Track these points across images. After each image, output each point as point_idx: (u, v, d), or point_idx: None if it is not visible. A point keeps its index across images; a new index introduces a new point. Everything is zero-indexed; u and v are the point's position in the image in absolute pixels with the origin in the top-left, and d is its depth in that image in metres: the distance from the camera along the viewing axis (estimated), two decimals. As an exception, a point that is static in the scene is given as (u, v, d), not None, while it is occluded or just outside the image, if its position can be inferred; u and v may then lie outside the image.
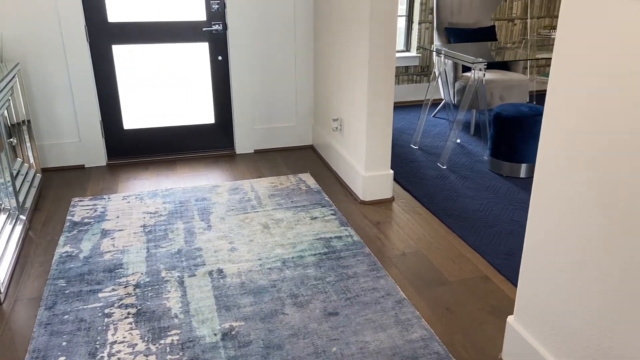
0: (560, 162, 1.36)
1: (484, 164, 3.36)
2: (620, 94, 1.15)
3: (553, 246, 1.42)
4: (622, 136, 1.16)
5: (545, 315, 1.48)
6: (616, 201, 1.19)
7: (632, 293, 1.17)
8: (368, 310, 1.94)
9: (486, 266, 2.25)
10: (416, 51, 4.74)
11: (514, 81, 3.80)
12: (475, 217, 2.67)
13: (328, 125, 3.36)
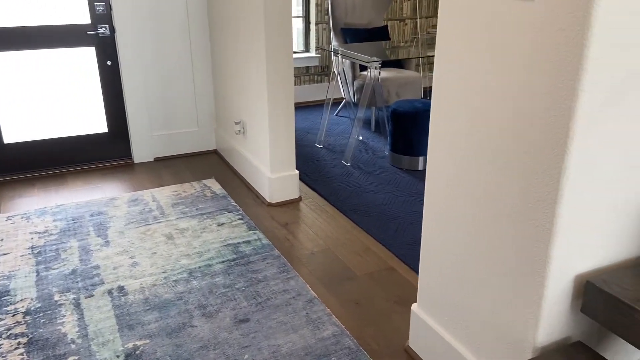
0: (447, 154, 1.43)
1: (385, 159, 3.47)
2: (494, 90, 1.23)
3: (446, 233, 1.49)
4: (496, 129, 1.24)
5: (445, 300, 1.55)
6: (495, 189, 1.27)
7: (521, 275, 1.26)
8: (279, 312, 1.93)
9: (391, 257, 2.32)
10: (315, 51, 4.80)
11: (408, 78, 3.97)
12: (379, 211, 2.75)
13: (231, 128, 3.30)
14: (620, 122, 1.11)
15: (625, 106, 1.10)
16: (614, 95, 1.08)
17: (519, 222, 1.23)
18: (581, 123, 1.07)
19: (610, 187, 1.17)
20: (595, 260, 1.24)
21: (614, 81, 1.06)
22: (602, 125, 1.09)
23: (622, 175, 1.17)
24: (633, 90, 1.09)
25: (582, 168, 1.11)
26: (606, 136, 1.11)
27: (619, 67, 1.05)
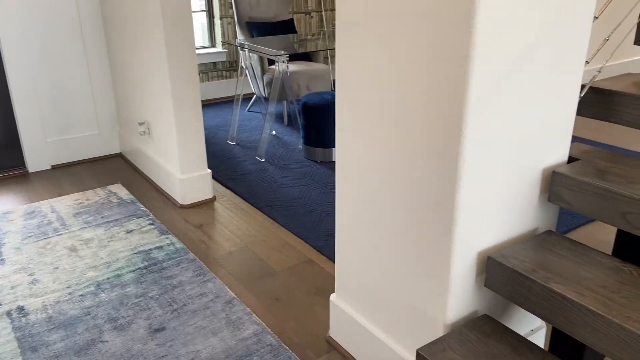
0: (354, 143, 1.44)
1: (300, 153, 3.48)
2: (392, 78, 1.26)
3: (358, 221, 1.51)
4: (397, 118, 1.27)
5: (361, 287, 1.58)
6: (400, 174, 1.31)
7: (428, 256, 1.30)
8: (197, 317, 1.86)
9: (310, 250, 2.33)
10: (222, 46, 4.69)
11: (317, 71, 4.00)
12: (296, 204, 2.74)
13: (135, 130, 3.14)
14: (509, 104, 1.18)
15: (512, 88, 1.16)
16: (502, 79, 1.13)
17: (424, 206, 1.27)
18: (473, 107, 1.11)
19: (504, 167, 1.24)
20: (495, 237, 1.31)
21: (501, 66, 1.12)
22: (493, 107, 1.15)
23: (514, 155, 1.24)
24: (518, 74, 1.16)
25: (476, 150, 1.16)
26: (497, 118, 1.17)
27: (505, 51, 1.11)
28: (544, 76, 1.21)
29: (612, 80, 1.47)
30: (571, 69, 1.26)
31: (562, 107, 1.29)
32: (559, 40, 1.20)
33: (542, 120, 1.26)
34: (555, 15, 1.17)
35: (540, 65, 1.19)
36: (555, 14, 1.17)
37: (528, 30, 1.13)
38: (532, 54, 1.16)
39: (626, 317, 1.04)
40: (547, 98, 1.25)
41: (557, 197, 1.34)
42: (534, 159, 1.30)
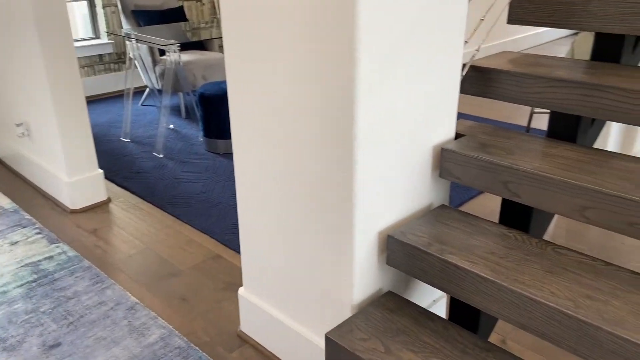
0: (249, 132, 1.41)
1: (201, 146, 3.36)
2: (281, 64, 1.24)
3: (259, 210, 1.48)
4: (289, 103, 1.25)
5: (268, 277, 1.55)
6: (297, 161, 1.30)
7: (331, 239, 1.30)
8: (97, 328, 1.74)
9: (216, 245, 2.26)
10: (107, 38, 4.40)
11: (213, 60, 3.88)
12: (199, 199, 2.65)
13: (13, 132, 2.85)
14: (398, 84, 1.20)
15: (399, 70, 1.19)
16: (388, 61, 1.15)
17: (323, 190, 1.27)
18: (363, 88, 1.12)
19: (397, 148, 1.27)
20: (394, 216, 1.34)
21: (386, 48, 1.14)
22: (384, 87, 1.17)
23: (406, 135, 1.28)
24: (402, 56, 1.18)
25: (370, 132, 1.18)
26: (387, 99, 1.19)
27: (389, 33, 1.13)
28: (427, 57, 1.25)
29: (490, 59, 1.56)
30: (451, 49, 1.32)
31: (446, 86, 1.35)
32: (438, 21, 1.25)
33: (428, 100, 1.31)
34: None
35: (422, 46, 1.23)
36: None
37: (408, 13, 1.16)
38: (415, 35, 1.19)
39: (513, 280, 1.11)
40: (432, 78, 1.29)
41: (447, 172, 1.40)
42: (424, 138, 1.35)
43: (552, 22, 1.50)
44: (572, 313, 1.01)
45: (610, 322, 0.98)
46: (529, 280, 1.11)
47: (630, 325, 0.96)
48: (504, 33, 5.24)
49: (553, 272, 1.14)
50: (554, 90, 1.37)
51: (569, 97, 1.35)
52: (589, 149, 1.34)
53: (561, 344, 1.04)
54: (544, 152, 1.33)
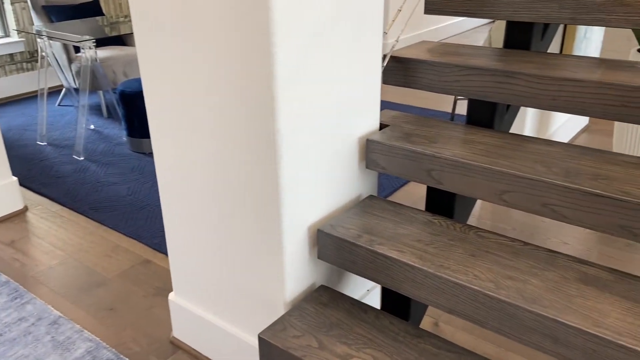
0: (169, 130, 1.35)
1: (125, 146, 3.22)
2: (196, 61, 1.19)
3: (184, 212, 1.43)
4: (207, 100, 1.21)
5: (198, 280, 1.51)
6: (220, 159, 1.26)
7: (260, 237, 1.28)
8: (17, 346, 1.63)
9: (145, 249, 2.17)
10: (17, 36, 4.10)
11: (133, 55, 3.71)
12: (125, 202, 2.53)
13: None
14: (318, 78, 1.19)
15: (319, 62, 1.17)
16: (307, 54, 1.14)
17: (248, 187, 1.24)
18: (281, 83, 1.10)
19: (323, 141, 1.26)
20: (323, 209, 1.33)
21: (305, 40, 1.12)
22: (303, 81, 1.15)
23: (331, 128, 1.27)
24: (322, 48, 1.17)
25: (292, 126, 1.16)
26: (308, 93, 1.17)
27: (306, 26, 1.11)
28: (346, 49, 1.25)
29: (409, 49, 1.58)
30: (370, 41, 1.32)
31: (367, 78, 1.35)
32: (356, 12, 1.24)
33: (350, 92, 1.31)
34: (350, -12, 1.21)
35: (341, 38, 1.22)
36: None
37: (326, 4, 1.14)
38: (333, 28, 1.18)
39: (439, 266, 1.14)
40: (352, 70, 1.29)
41: (373, 163, 1.41)
42: (349, 130, 1.35)
43: (466, 11, 1.55)
44: (494, 294, 1.04)
45: (529, 300, 1.02)
46: (453, 265, 1.14)
47: (546, 302, 1.01)
48: (427, 22, 5.38)
49: (476, 255, 1.17)
50: (469, 79, 1.41)
51: (483, 85, 1.39)
52: (505, 134, 1.39)
53: (486, 325, 1.07)
54: (464, 139, 1.37)
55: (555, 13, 1.41)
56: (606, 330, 0.94)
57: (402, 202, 2.48)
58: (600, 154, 1.25)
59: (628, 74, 1.27)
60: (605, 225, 1.09)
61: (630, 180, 1.12)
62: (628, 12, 1.31)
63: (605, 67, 1.34)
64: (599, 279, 1.07)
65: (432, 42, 1.67)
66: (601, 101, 1.23)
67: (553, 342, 0.99)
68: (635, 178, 1.13)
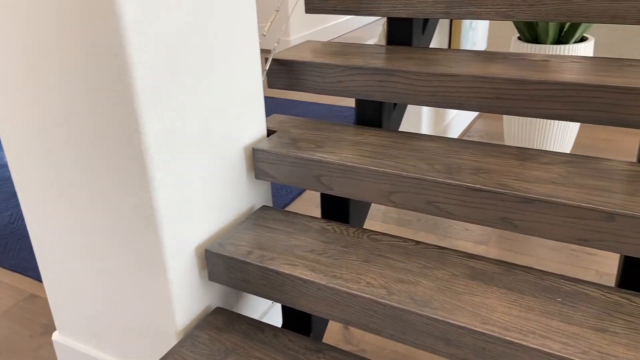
0: (27, 159, 1.20)
1: (5, 167, 2.92)
2: (50, 83, 1.06)
3: (59, 246, 1.29)
4: (68, 123, 1.08)
5: (84, 317, 1.37)
6: (90, 187, 1.14)
7: (143, 265, 1.17)
8: None
9: (31, 283, 1.97)
10: None
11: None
12: (6, 232, 2.29)
13: None
14: (190, 87, 1.10)
15: (188, 71, 1.09)
16: (173, 64, 1.04)
17: (124, 213, 1.13)
18: (146, 98, 1.00)
19: (203, 155, 1.17)
20: (211, 227, 1.25)
21: (168, 48, 1.02)
22: (172, 93, 1.06)
23: (211, 141, 1.19)
24: (191, 56, 1.08)
25: (164, 144, 1.06)
26: (180, 106, 1.08)
27: (169, 33, 1.02)
28: (219, 54, 1.17)
29: (292, 50, 1.53)
30: (246, 43, 1.25)
31: (248, 83, 1.28)
32: (226, 13, 1.17)
33: (230, 99, 1.23)
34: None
35: (211, 43, 1.14)
36: (213, -11, 1.12)
37: (189, 8, 1.06)
38: (200, 31, 1.10)
39: (332, 277, 1.10)
40: (229, 76, 1.21)
41: (262, 173, 1.34)
42: (233, 139, 1.27)
43: (346, 9, 1.52)
44: (386, 301, 1.02)
45: (420, 303, 1.00)
46: (346, 273, 1.10)
47: (437, 304, 1.00)
48: (324, 18, 5.40)
49: (369, 260, 1.15)
50: (352, 79, 1.38)
51: (366, 84, 1.37)
52: (392, 133, 1.38)
53: (382, 333, 1.05)
54: (352, 141, 1.34)
55: (430, 8, 1.42)
56: (493, 326, 0.94)
57: (307, 206, 2.44)
58: (482, 147, 1.27)
59: (501, 66, 1.29)
60: (489, 219, 1.10)
61: (508, 172, 1.13)
62: (497, 4, 1.34)
63: (481, 59, 1.37)
64: (485, 272, 1.08)
65: (316, 42, 1.64)
66: (476, 94, 1.25)
67: (446, 344, 0.98)
68: (513, 170, 1.15)
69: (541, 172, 1.13)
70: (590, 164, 1.16)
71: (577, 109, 1.16)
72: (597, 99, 1.13)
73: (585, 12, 1.25)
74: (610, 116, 1.14)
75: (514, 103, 1.22)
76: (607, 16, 1.23)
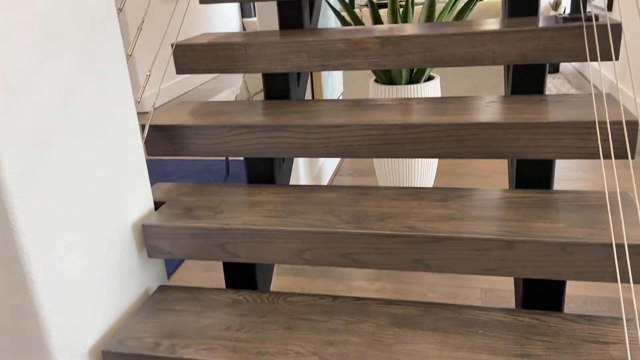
0: None
1: None
2: None
3: None
4: None
5: None
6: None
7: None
8: None
9: None
10: None
11: None
12: None
13: None
14: (64, 169, 0.96)
15: (60, 153, 0.95)
16: (42, 148, 0.90)
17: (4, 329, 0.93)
18: (14, 189, 0.85)
19: (86, 243, 1.02)
20: (105, 322, 1.09)
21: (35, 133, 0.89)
22: (44, 179, 0.91)
23: (94, 223, 1.04)
24: (61, 138, 0.95)
25: (40, 239, 0.90)
26: (54, 188, 0.93)
27: (34, 115, 0.88)
28: (93, 130, 1.05)
29: (169, 114, 1.44)
30: (122, 113, 1.14)
31: (127, 155, 1.16)
32: (98, 87, 1.05)
33: (113, 176, 1.10)
34: (83, 63, 1.02)
35: (86, 121, 1.02)
36: (81, 61, 1.01)
37: (56, 85, 0.93)
38: (72, 114, 0.97)
39: (256, 354, 1.01)
40: (106, 151, 1.09)
41: (155, 250, 1.22)
42: (119, 219, 1.13)
43: (220, 67, 1.48)
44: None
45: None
46: (271, 347, 1.03)
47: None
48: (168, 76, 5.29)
49: (291, 327, 1.08)
50: (241, 138, 1.33)
51: (257, 142, 1.33)
52: (288, 188, 1.36)
53: (320, 403, 0.99)
54: (250, 202, 1.28)
55: (306, 62, 1.44)
56: (432, 372, 0.93)
57: (196, 272, 2.29)
58: (379, 192, 1.30)
59: (382, 112, 1.35)
60: (402, 263, 1.11)
61: (411, 214, 1.17)
62: (369, 55, 1.41)
63: (361, 108, 1.42)
64: (407, 317, 1.09)
65: (192, 102, 1.56)
66: (367, 142, 1.29)
67: (388, 401, 0.95)
68: (414, 210, 1.19)
69: (439, 209, 1.19)
70: (477, 195, 1.24)
71: (458, 146, 1.25)
72: (474, 136, 1.23)
73: (447, 57, 1.37)
74: (486, 150, 1.24)
75: (403, 147, 1.27)
76: (466, 60, 1.36)
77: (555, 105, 1.28)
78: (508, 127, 1.19)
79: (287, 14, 1.67)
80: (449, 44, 1.35)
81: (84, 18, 1.02)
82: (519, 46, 1.31)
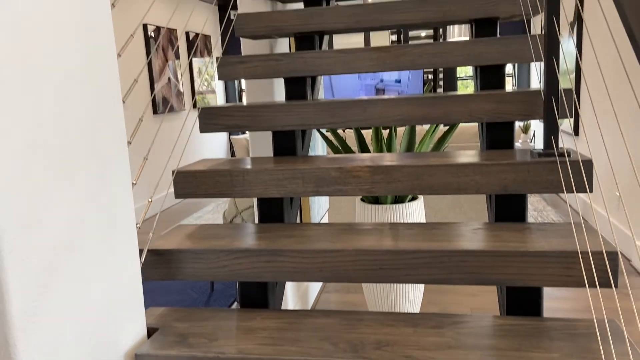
0: None
1: None
2: None
3: None
4: None
5: None
6: None
7: None
8: None
9: None
10: None
11: None
12: None
13: None
14: (64, 303, 0.96)
15: (63, 285, 0.96)
16: (48, 280, 0.92)
17: None
18: (19, 324, 0.84)
19: None
20: None
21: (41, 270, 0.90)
22: (45, 311, 0.91)
23: (89, 354, 1.02)
24: (64, 268, 0.97)
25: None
26: (53, 324, 0.93)
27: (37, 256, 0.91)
28: (97, 260, 1.07)
29: (167, 238, 1.47)
30: (124, 240, 1.17)
31: (125, 282, 1.17)
32: (102, 216, 1.09)
33: (108, 306, 1.10)
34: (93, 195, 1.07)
35: (87, 251, 1.04)
36: (91, 193, 1.06)
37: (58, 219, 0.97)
38: (78, 245, 1.00)
39: None
40: (108, 280, 1.10)
41: (146, 380, 1.18)
42: (114, 350, 1.11)
43: (219, 192, 1.54)
44: None
45: None
46: None
47: None
48: (167, 186, 5.40)
49: None
50: (238, 262, 1.36)
51: (253, 266, 1.35)
52: (283, 313, 1.36)
53: None
54: (245, 328, 1.27)
55: (301, 188, 1.52)
56: None
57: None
58: (374, 317, 1.31)
59: (375, 238, 1.40)
60: (401, 395, 1.10)
61: (407, 342, 1.17)
62: (361, 182, 1.50)
63: (353, 232, 1.47)
64: None
65: (190, 225, 1.60)
66: (362, 267, 1.32)
67: None
68: (410, 338, 1.19)
69: (435, 337, 1.19)
70: (470, 322, 1.26)
71: (450, 272, 1.29)
72: (465, 263, 1.28)
73: (433, 186, 1.46)
74: (476, 277, 1.28)
75: (396, 272, 1.31)
76: (451, 189, 1.45)
77: (539, 233, 1.35)
78: (499, 254, 1.25)
79: (281, 142, 1.78)
80: (435, 173, 1.45)
81: (96, 156, 1.09)
82: (499, 177, 1.41)
